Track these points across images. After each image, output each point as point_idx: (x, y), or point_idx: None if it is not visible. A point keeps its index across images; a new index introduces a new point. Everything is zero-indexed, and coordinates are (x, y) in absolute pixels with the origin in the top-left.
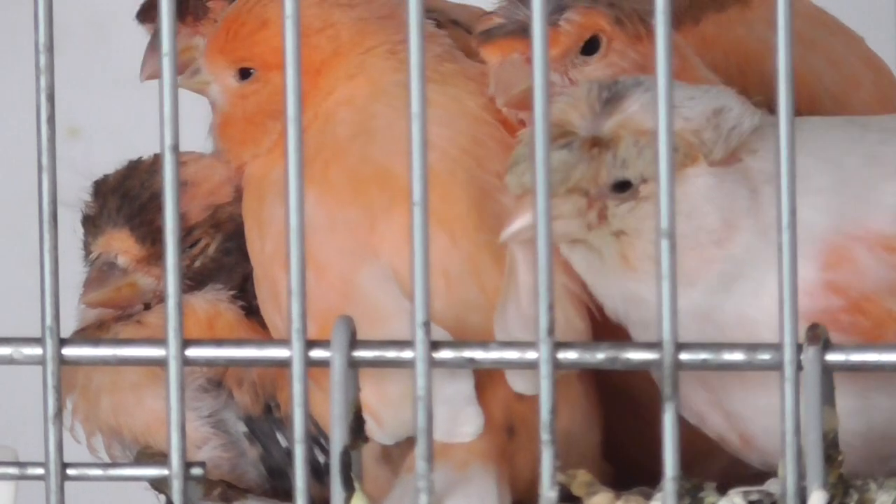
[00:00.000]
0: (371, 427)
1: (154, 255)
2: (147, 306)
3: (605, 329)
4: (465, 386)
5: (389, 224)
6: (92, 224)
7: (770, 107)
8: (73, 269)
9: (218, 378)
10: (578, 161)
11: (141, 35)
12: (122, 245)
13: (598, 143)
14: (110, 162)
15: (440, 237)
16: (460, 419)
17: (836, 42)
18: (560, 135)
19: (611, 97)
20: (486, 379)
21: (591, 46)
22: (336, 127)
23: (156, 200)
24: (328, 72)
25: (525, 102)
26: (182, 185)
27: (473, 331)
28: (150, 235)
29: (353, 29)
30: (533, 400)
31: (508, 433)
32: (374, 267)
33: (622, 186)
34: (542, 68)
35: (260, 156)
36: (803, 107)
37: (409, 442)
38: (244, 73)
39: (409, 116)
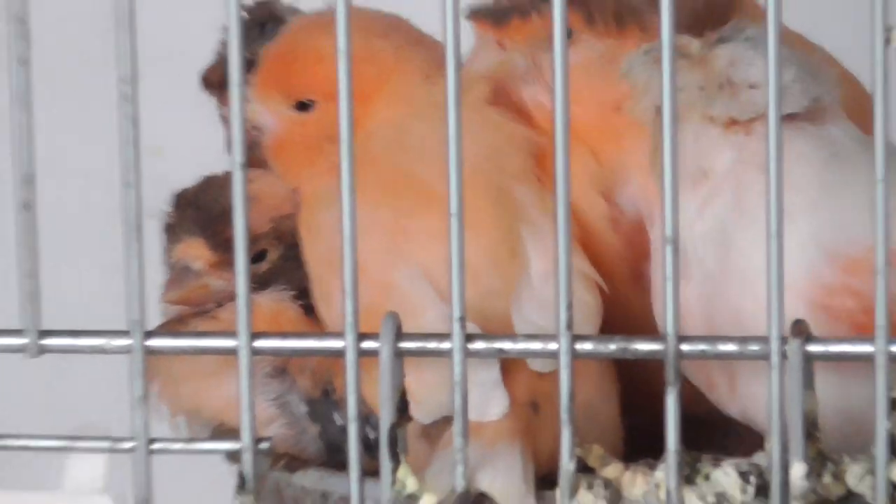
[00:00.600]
0: (412, 407)
1: (224, 261)
2: (219, 305)
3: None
4: (492, 372)
5: (418, 225)
6: (172, 232)
7: None
8: (155, 271)
9: (283, 366)
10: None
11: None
12: (196, 252)
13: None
14: (189, 177)
15: (464, 233)
16: (489, 401)
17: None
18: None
19: (721, 38)
20: (510, 363)
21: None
22: (374, 143)
23: (226, 213)
24: (375, 97)
25: (489, 90)
26: (249, 200)
27: (495, 315)
28: (221, 244)
29: (393, 57)
30: (553, 376)
31: (533, 408)
32: (407, 266)
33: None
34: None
35: (316, 176)
36: None
37: (445, 421)
38: (301, 104)
39: (440, 133)
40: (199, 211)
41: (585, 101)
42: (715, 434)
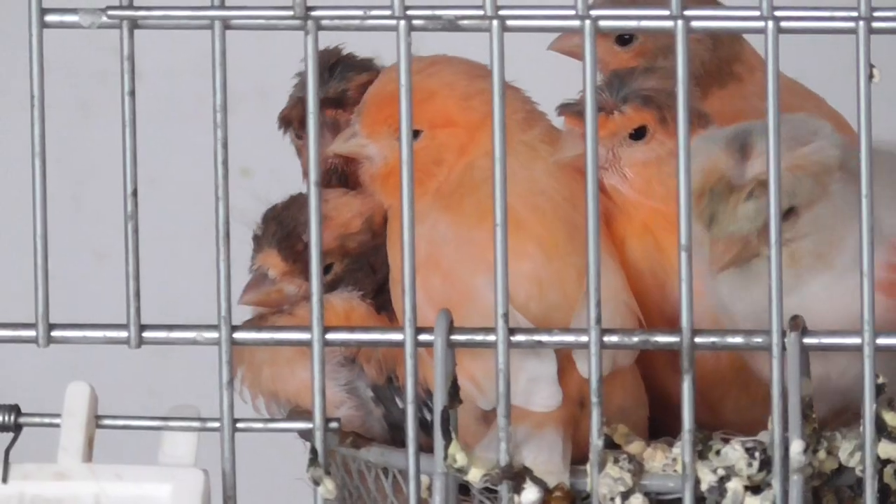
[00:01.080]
0: (475, 394)
1: (295, 270)
2: (291, 307)
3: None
4: (549, 367)
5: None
6: (257, 242)
7: None
8: (245, 275)
9: (352, 356)
10: (761, 205)
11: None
12: (272, 261)
13: (762, 184)
14: (274, 195)
15: (538, 254)
16: (544, 393)
17: (809, 105)
18: (726, 187)
19: (743, 145)
20: (567, 363)
21: (639, 133)
22: (474, 172)
23: (298, 228)
24: (480, 130)
25: (571, 165)
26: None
27: (557, 326)
28: (292, 255)
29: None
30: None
31: (580, 406)
32: (486, 275)
33: (790, 212)
34: (593, 147)
35: (420, 196)
36: None
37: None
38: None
39: (529, 170)
40: (280, 226)
41: (657, 193)
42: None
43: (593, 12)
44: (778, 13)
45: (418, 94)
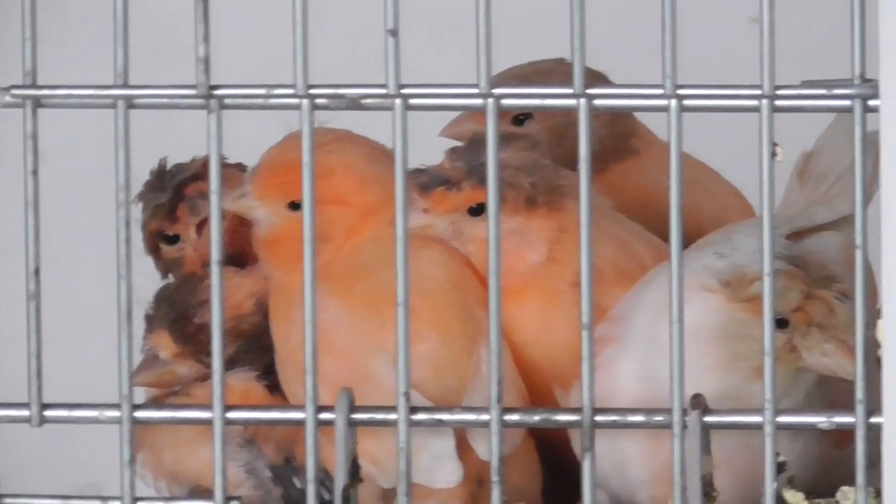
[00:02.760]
0: (375, 474)
1: (186, 352)
2: (182, 388)
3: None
4: (450, 444)
5: (394, 329)
6: (149, 323)
7: (664, 235)
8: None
9: (251, 437)
10: None
11: None
12: (163, 342)
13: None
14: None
15: (434, 337)
16: (447, 470)
17: (708, 179)
18: None
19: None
20: (465, 444)
21: (478, 210)
22: (363, 256)
23: (190, 310)
24: (377, 214)
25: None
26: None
27: (453, 404)
28: (182, 337)
29: (389, 184)
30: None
31: (478, 484)
32: (382, 356)
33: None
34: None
35: (297, 271)
36: (692, 232)
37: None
38: (294, 204)
39: (416, 256)
40: (171, 307)
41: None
42: None
43: (496, 90)
44: (681, 91)
45: (316, 168)
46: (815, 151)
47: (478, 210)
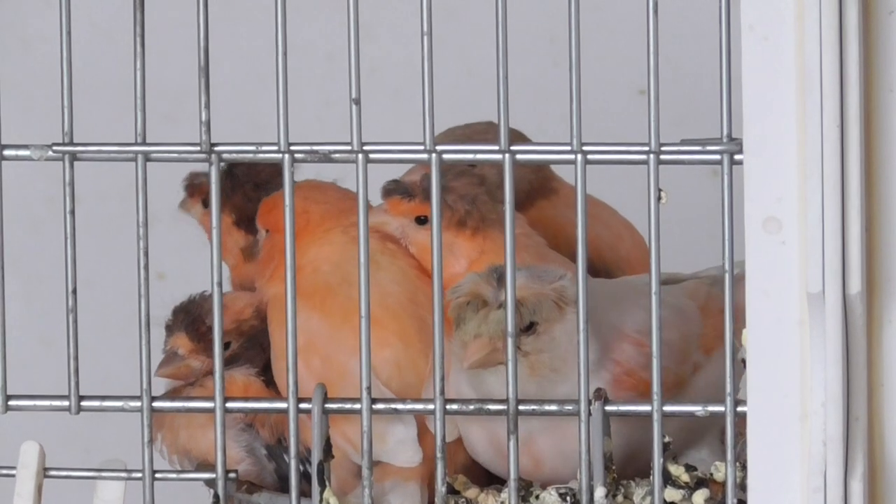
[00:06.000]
0: (350, 452)
1: (200, 349)
2: (197, 379)
3: None
4: (411, 431)
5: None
6: (168, 330)
7: (572, 257)
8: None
9: (251, 422)
10: (502, 316)
11: None
12: (181, 342)
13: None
14: (186, 293)
15: (398, 343)
16: (409, 452)
17: (606, 214)
18: (482, 303)
19: (500, 276)
20: (424, 430)
21: (422, 220)
22: (324, 276)
23: (203, 314)
24: (306, 237)
25: (413, 264)
26: (221, 307)
27: (413, 398)
28: (198, 336)
29: (319, 215)
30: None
31: (434, 461)
32: (355, 358)
33: (531, 326)
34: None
35: (272, 280)
36: (592, 254)
37: (376, 463)
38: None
39: (374, 275)
40: (187, 314)
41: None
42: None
43: (439, 147)
44: (585, 147)
45: (271, 203)
46: None
47: (423, 220)
